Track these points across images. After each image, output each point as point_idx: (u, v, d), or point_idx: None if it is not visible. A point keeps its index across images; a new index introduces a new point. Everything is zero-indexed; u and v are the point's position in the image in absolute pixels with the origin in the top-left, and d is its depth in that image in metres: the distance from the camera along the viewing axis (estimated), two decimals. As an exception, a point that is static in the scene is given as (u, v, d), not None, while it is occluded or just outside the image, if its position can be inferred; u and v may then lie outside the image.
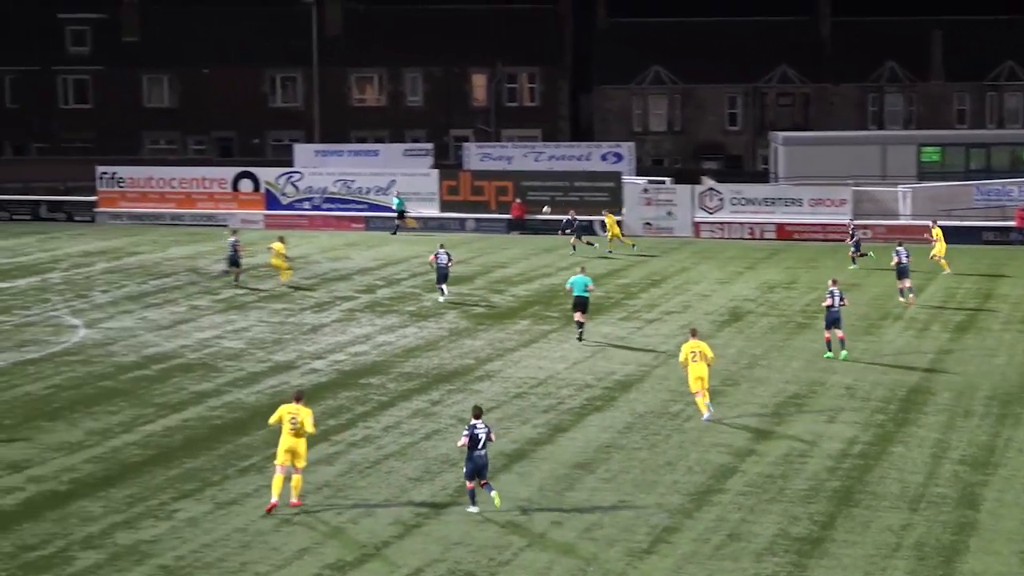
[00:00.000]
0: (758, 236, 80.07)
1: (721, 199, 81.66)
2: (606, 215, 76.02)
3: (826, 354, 46.04)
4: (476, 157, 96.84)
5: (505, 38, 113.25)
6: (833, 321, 46.07)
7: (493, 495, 29.68)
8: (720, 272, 66.58)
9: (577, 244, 73.50)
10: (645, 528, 28.84)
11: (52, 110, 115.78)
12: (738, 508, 30.16)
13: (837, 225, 77.74)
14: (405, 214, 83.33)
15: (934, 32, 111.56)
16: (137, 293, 60.42)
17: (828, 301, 45.97)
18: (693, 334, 39.35)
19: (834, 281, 47.08)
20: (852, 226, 70.38)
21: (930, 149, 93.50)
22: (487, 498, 29.68)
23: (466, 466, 29.97)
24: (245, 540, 28.17)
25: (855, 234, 68.91)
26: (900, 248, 57.77)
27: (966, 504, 30.46)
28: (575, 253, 72.01)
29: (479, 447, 29.65)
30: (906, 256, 57.26)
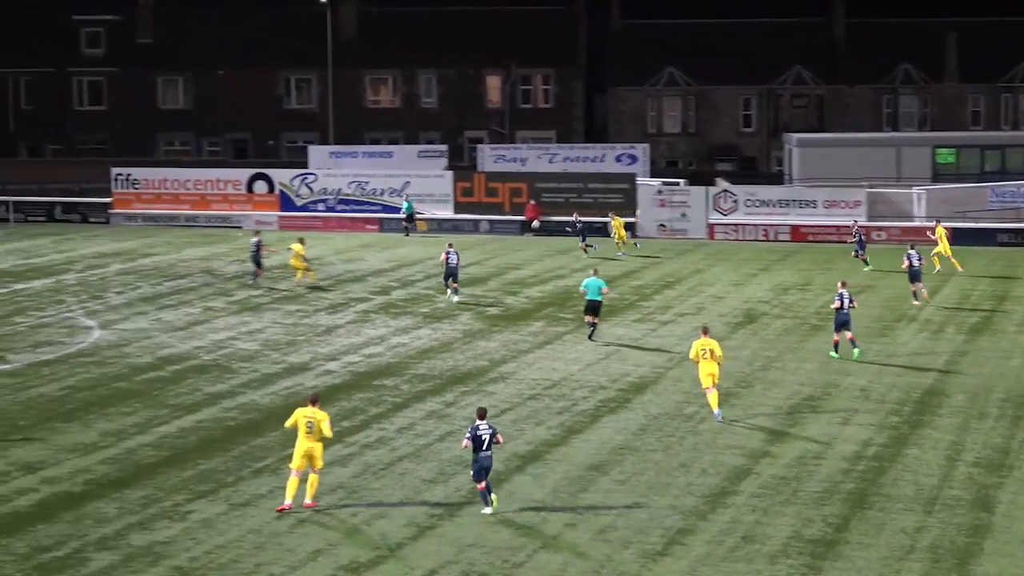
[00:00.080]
0: (772, 238, 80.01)
1: (735, 201, 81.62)
2: (612, 217, 75.90)
3: (831, 354, 46.04)
4: (490, 159, 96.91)
5: (519, 40, 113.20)
6: (842, 324, 46.02)
7: (492, 499, 29.88)
8: (734, 274, 66.53)
9: (590, 244, 73.59)
10: (659, 530, 28.83)
11: (67, 112, 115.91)
12: (752, 510, 30.13)
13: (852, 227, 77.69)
14: (415, 216, 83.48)
15: (949, 34, 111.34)
16: (151, 294, 60.52)
17: (837, 303, 45.99)
18: (704, 332, 39.38)
19: (843, 283, 46.97)
20: (856, 227, 70.15)
21: (945, 151, 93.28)
22: (501, 498, 29.68)
23: (473, 468, 30.05)
24: (259, 541, 28.21)
25: (858, 235, 68.75)
26: (912, 251, 57.60)
27: (980, 506, 30.40)
28: (588, 256, 72.26)
29: (483, 448, 29.72)
30: (918, 259, 57.10)
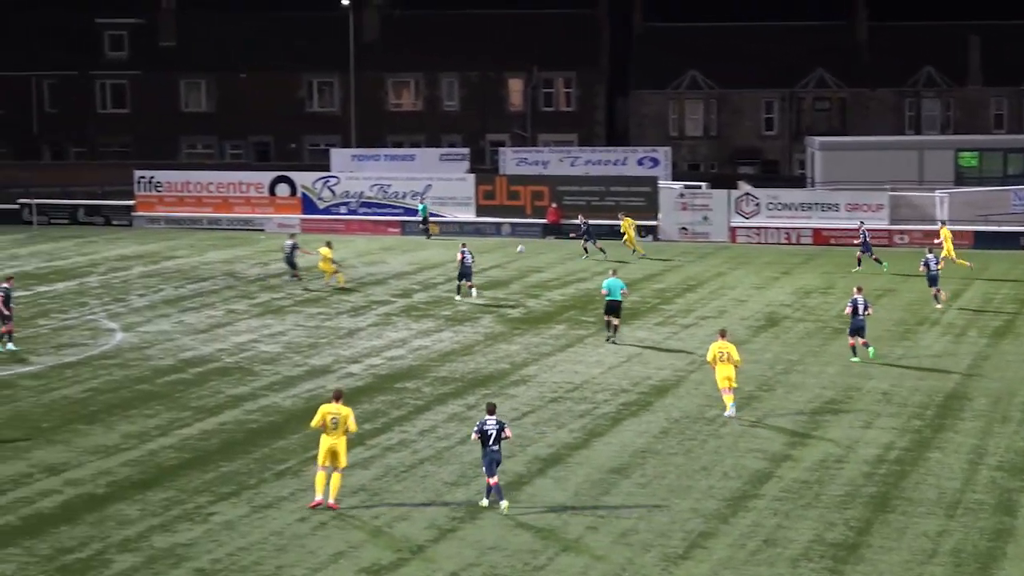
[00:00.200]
0: (794, 241, 79.89)
1: (757, 204, 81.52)
2: (623, 218, 75.71)
3: (852, 358, 45.99)
4: (512, 162, 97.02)
5: (542, 43, 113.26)
6: (857, 330, 45.93)
7: (503, 505, 30.13)
8: (756, 277, 66.44)
9: (590, 248, 73.51)
10: (680, 533, 28.80)
11: (90, 115, 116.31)
12: (774, 513, 30.09)
13: (875, 230, 77.55)
14: (429, 219, 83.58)
15: (971, 37, 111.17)
16: (174, 297, 60.65)
17: (849, 309, 45.93)
18: (722, 335, 39.45)
19: (859, 289, 46.82)
20: (863, 229, 69.94)
21: (967, 154, 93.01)
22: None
23: (483, 462, 30.36)
24: (281, 543, 28.25)
25: (865, 237, 68.57)
26: (930, 255, 57.51)
27: (1003, 511, 30.30)
28: (587, 256, 72.57)
29: (491, 443, 30.04)
30: (935, 263, 57.03)
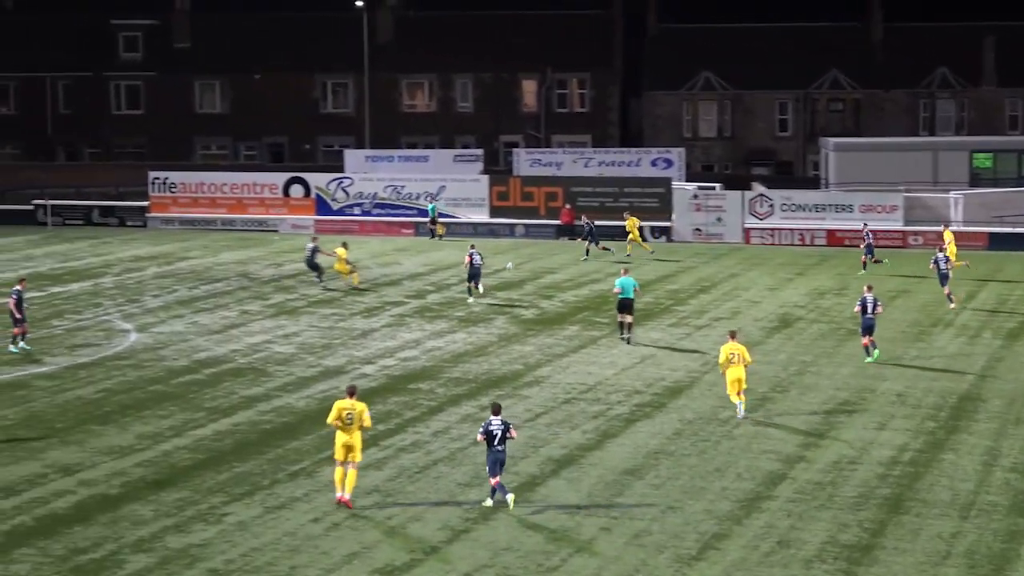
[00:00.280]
0: (808, 242, 79.80)
1: (771, 205, 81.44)
2: (627, 218, 75.60)
3: (866, 359, 45.97)
4: (526, 163, 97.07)
5: (555, 44, 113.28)
6: (868, 328, 46.01)
7: (509, 499, 30.24)
8: (770, 278, 66.39)
9: (591, 249, 73.42)
10: (694, 535, 28.80)
11: (104, 116, 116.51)
12: (787, 515, 30.07)
13: (889, 232, 77.58)
14: (437, 220, 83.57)
15: (986, 38, 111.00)
16: (188, 298, 60.71)
17: (858, 308, 46.03)
18: (732, 336, 39.47)
19: (869, 287, 46.97)
20: (866, 231, 69.83)
21: (982, 155, 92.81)
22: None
23: (488, 462, 30.55)
24: (294, 544, 28.27)
25: (868, 238, 68.49)
26: (940, 254, 57.52)
27: (1017, 512, 30.25)
28: (587, 259, 72.45)
29: (496, 443, 30.24)
30: (945, 262, 57.06)
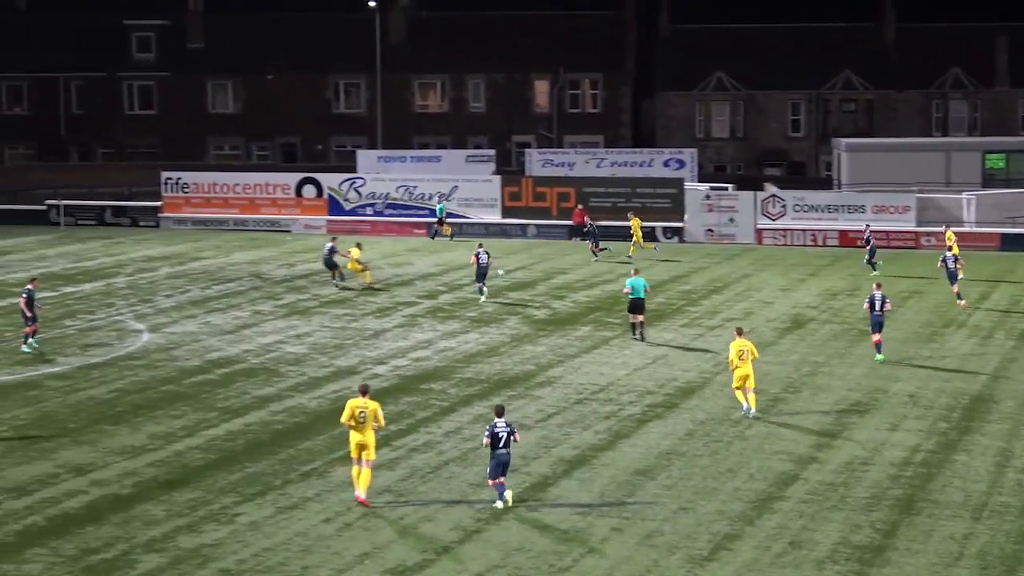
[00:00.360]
0: (821, 243, 79.74)
1: (784, 206, 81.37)
2: (631, 217, 75.55)
3: (877, 357, 45.96)
4: (538, 163, 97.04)
5: (568, 44, 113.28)
6: (877, 325, 46.05)
7: (507, 495, 30.36)
8: (782, 279, 66.33)
9: (596, 251, 73.43)
10: (706, 535, 28.78)
11: (117, 116, 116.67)
12: (799, 516, 30.04)
13: (902, 232, 77.53)
14: (444, 221, 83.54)
15: (999, 38, 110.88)
16: (201, 298, 60.77)
17: (867, 305, 46.15)
18: (739, 333, 39.44)
19: (878, 285, 47.16)
20: (868, 231, 69.70)
21: (995, 156, 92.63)
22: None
23: (490, 464, 30.62)
24: (306, 544, 28.30)
25: (870, 239, 68.41)
26: (948, 253, 57.58)
27: (1030, 513, 30.28)
28: (598, 259, 72.42)
29: (501, 445, 30.32)
30: (953, 261, 57.09)
